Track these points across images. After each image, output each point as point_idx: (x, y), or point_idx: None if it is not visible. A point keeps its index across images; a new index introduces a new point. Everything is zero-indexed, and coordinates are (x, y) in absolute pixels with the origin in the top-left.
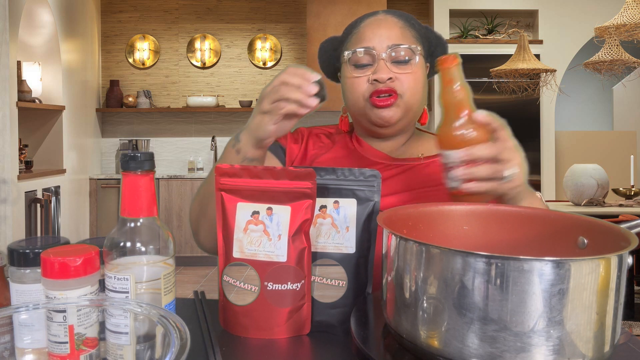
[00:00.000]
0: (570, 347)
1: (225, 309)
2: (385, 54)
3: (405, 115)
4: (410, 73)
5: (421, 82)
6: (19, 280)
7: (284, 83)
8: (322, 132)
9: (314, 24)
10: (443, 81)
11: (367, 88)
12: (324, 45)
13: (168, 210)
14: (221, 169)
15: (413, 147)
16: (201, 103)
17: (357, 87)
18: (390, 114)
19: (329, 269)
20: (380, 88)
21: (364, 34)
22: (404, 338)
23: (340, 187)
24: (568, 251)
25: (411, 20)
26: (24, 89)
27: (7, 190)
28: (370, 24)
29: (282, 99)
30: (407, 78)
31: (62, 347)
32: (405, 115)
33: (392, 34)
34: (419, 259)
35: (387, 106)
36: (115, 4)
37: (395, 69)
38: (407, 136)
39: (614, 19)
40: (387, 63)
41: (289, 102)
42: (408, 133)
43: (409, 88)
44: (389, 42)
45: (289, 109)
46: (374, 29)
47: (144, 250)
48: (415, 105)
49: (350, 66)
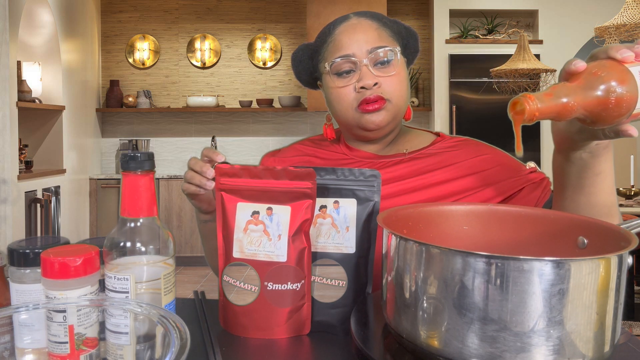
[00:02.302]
0: (570, 347)
1: (225, 309)
2: (366, 60)
3: (394, 118)
4: (394, 75)
5: (405, 83)
6: (19, 280)
7: (189, 168)
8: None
9: (314, 24)
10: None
11: (355, 97)
12: (298, 54)
13: (168, 210)
14: (221, 169)
15: (399, 144)
16: (201, 103)
17: (343, 96)
18: (380, 118)
19: (329, 269)
20: (368, 96)
21: (341, 41)
22: (404, 338)
23: (340, 187)
24: (568, 251)
25: (383, 19)
26: (24, 89)
27: (7, 190)
28: (345, 30)
29: (186, 182)
30: (392, 81)
31: (62, 347)
32: (394, 118)
33: (369, 37)
34: (419, 259)
35: (376, 110)
36: (115, 4)
37: (379, 73)
38: (394, 135)
39: (614, 19)
40: (369, 68)
41: (191, 185)
42: (395, 132)
43: (395, 91)
44: (368, 46)
45: (191, 190)
46: (350, 35)
47: (144, 250)
48: (403, 107)
49: (333, 76)
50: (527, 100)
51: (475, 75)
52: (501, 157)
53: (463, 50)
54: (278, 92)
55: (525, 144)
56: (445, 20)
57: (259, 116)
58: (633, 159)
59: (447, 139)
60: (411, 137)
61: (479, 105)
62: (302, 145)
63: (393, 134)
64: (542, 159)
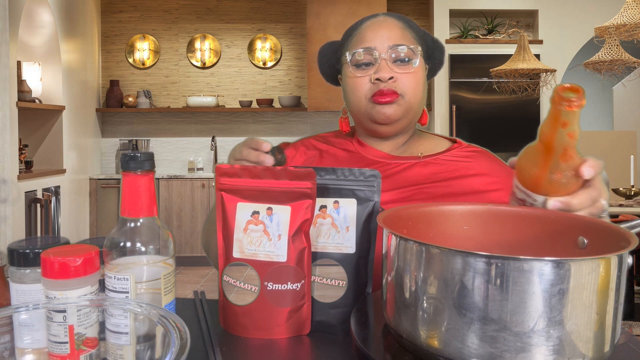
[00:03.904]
0: (570, 347)
1: (225, 309)
2: (386, 54)
3: (406, 115)
4: (412, 73)
5: (421, 83)
6: (19, 280)
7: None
8: (312, 143)
9: (314, 24)
10: (556, 120)
11: (370, 88)
12: (324, 49)
13: (168, 210)
14: (221, 169)
15: (413, 147)
16: (201, 103)
17: (358, 87)
18: (391, 111)
19: (329, 269)
20: (382, 88)
21: (365, 35)
22: (404, 338)
23: (340, 187)
24: (568, 251)
25: (410, 23)
26: (24, 89)
27: (7, 190)
28: (370, 25)
29: (239, 159)
30: (408, 78)
31: (62, 347)
32: (406, 115)
33: (392, 35)
34: (419, 259)
35: (389, 102)
36: (115, 4)
37: (397, 69)
38: (408, 136)
39: (614, 19)
40: (388, 63)
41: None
42: (408, 133)
43: (410, 88)
44: (390, 42)
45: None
46: (374, 30)
47: (144, 250)
48: (416, 106)
49: (352, 67)
50: None
51: (475, 75)
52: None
53: (463, 50)
54: (278, 92)
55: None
56: (445, 20)
57: (259, 116)
58: (633, 159)
59: (463, 147)
60: (426, 141)
61: (479, 106)
62: (315, 141)
63: (406, 135)
64: None
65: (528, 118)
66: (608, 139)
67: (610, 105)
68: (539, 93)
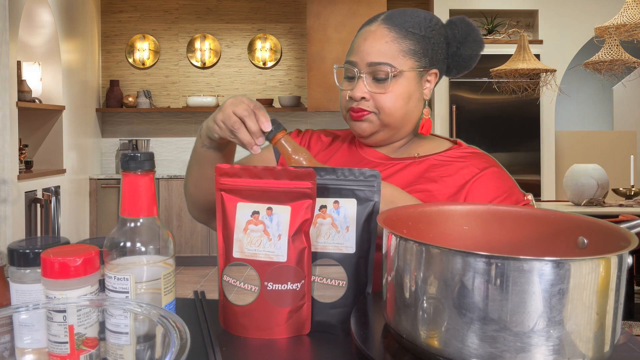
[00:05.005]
0: (570, 347)
1: (225, 309)
2: (364, 72)
3: (382, 129)
4: (389, 92)
5: (402, 98)
6: (19, 280)
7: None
8: (324, 133)
9: (314, 24)
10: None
11: (348, 102)
12: None
13: (168, 210)
14: (221, 169)
15: (412, 149)
16: (201, 103)
17: (342, 99)
18: (363, 127)
19: (329, 269)
20: (353, 106)
21: (355, 45)
22: (404, 338)
23: (340, 187)
24: (568, 251)
25: (408, 28)
26: (24, 89)
27: (7, 190)
28: (361, 35)
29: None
30: (384, 97)
31: (62, 347)
32: (382, 129)
33: (375, 50)
34: (419, 259)
35: (359, 118)
36: (115, 4)
37: (374, 88)
38: (404, 141)
39: (614, 19)
40: (364, 81)
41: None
42: (403, 139)
43: (386, 106)
44: (370, 59)
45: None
46: (361, 42)
47: (144, 250)
48: (396, 120)
49: (343, 76)
50: None
51: (475, 75)
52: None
53: None
54: (278, 92)
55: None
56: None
57: None
58: (633, 159)
59: (462, 147)
60: (427, 142)
61: (479, 106)
62: (325, 136)
63: (401, 141)
64: (542, 159)
65: (528, 118)
66: (608, 139)
67: (610, 105)
68: (539, 93)
